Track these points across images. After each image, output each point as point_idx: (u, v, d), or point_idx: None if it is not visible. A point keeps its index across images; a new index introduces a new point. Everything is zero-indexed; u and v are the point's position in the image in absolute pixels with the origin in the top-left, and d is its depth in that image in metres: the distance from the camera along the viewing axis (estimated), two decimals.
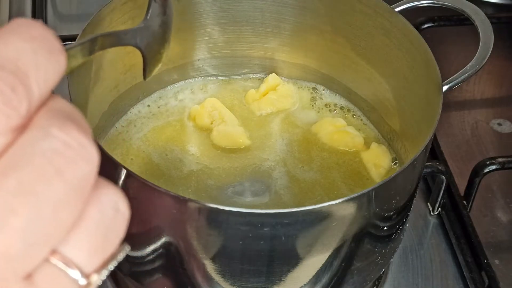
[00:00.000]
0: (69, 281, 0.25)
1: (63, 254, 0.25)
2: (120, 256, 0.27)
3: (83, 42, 0.34)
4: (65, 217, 0.24)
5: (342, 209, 0.50)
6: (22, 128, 0.24)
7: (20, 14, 0.89)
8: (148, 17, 0.44)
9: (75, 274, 0.25)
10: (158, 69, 0.47)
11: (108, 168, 0.49)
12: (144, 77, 0.47)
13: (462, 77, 0.60)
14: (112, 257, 0.27)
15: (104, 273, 0.26)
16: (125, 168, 0.49)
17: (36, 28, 0.25)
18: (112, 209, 0.26)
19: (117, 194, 0.26)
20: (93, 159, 0.25)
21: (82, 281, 0.25)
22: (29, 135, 0.24)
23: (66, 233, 0.25)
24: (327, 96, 0.73)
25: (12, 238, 0.23)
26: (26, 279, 0.24)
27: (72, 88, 0.56)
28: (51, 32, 0.25)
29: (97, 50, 0.35)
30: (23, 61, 0.24)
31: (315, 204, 0.48)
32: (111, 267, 0.27)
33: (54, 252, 0.25)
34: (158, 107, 0.70)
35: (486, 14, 0.63)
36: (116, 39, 0.39)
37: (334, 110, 0.71)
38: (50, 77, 0.25)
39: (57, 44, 0.25)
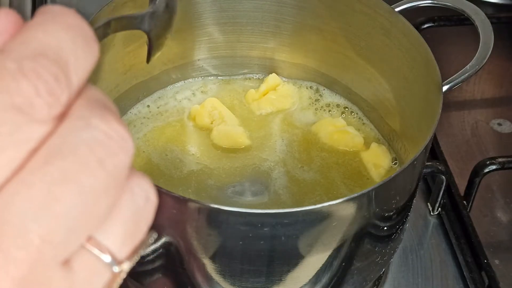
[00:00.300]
0: (103, 266, 0.26)
1: (98, 241, 0.26)
2: (149, 243, 0.28)
3: (99, 26, 0.34)
4: (103, 206, 0.25)
5: (342, 209, 0.50)
6: (62, 117, 0.25)
7: (20, 13, 0.89)
8: (156, 2, 0.44)
9: (108, 260, 0.26)
10: (160, 52, 0.48)
11: None
12: (148, 61, 0.48)
13: (462, 77, 0.60)
14: (142, 244, 0.27)
15: (135, 260, 0.27)
16: None
17: (71, 16, 0.25)
18: (143, 198, 0.27)
19: (148, 184, 0.27)
20: (130, 149, 0.26)
21: (115, 268, 0.26)
22: (70, 124, 0.25)
23: (103, 220, 0.25)
24: (327, 96, 0.73)
25: (55, 224, 0.24)
26: (64, 265, 0.25)
27: None
28: (85, 20, 0.26)
29: (110, 33, 0.36)
30: (64, 50, 0.24)
31: (314, 204, 0.48)
32: (141, 253, 0.27)
33: (90, 239, 0.25)
34: (158, 107, 0.70)
35: (486, 14, 0.63)
36: (127, 23, 0.40)
37: (334, 110, 0.71)
38: (87, 66, 0.25)
39: (91, 33, 0.26)
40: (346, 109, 0.71)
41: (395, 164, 0.67)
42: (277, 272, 0.53)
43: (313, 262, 0.53)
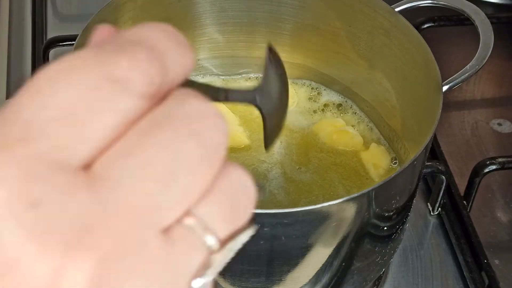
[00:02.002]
0: (201, 244, 0.26)
1: (198, 216, 0.26)
2: (248, 233, 0.27)
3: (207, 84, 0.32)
4: (201, 181, 0.25)
5: (342, 209, 0.50)
6: (156, 100, 0.25)
7: (20, 14, 0.89)
8: (266, 79, 0.39)
9: (207, 237, 0.26)
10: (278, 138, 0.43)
11: None
12: (266, 146, 0.40)
13: (462, 77, 0.60)
14: (239, 231, 0.27)
15: (229, 252, 0.27)
16: None
17: (165, 25, 0.26)
18: (241, 186, 0.27)
19: (245, 173, 0.27)
20: (227, 132, 0.26)
21: (212, 245, 0.26)
22: (168, 102, 0.25)
23: (201, 196, 0.25)
24: (327, 96, 0.73)
25: (153, 188, 0.24)
26: (164, 233, 0.25)
27: None
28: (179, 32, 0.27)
29: (220, 100, 0.33)
30: (160, 43, 0.25)
31: (311, 203, 0.48)
32: (239, 244, 0.27)
33: (188, 213, 0.25)
34: None
35: (486, 14, 0.63)
36: (239, 95, 0.36)
37: (334, 110, 0.71)
38: (182, 64, 0.26)
39: (186, 41, 0.26)
40: (346, 109, 0.71)
41: (395, 164, 0.67)
42: (277, 272, 0.53)
43: (313, 262, 0.53)
